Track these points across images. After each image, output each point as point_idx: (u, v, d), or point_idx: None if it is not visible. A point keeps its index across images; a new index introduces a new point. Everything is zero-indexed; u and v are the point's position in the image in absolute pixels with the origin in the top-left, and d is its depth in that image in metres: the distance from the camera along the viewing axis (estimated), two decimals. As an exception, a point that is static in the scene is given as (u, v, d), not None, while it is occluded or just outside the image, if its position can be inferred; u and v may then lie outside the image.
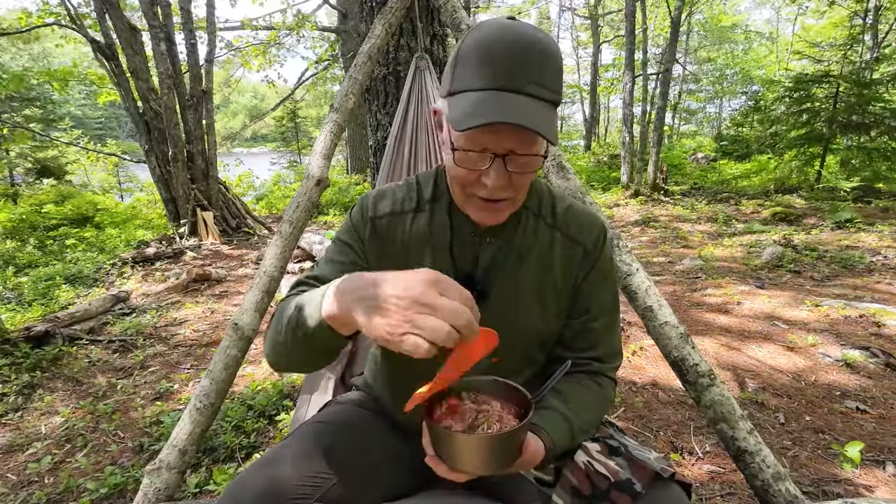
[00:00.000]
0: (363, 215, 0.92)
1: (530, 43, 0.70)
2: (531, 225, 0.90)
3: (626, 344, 2.96)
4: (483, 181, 0.75)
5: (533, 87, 0.70)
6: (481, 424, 0.69)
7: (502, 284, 0.88)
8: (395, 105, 2.08)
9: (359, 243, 0.92)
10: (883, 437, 1.98)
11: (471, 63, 0.72)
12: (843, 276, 4.32)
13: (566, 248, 0.90)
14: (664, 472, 0.79)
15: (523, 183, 0.78)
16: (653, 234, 6.87)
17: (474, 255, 0.88)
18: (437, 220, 0.90)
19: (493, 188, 0.75)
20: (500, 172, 0.74)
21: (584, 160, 15.03)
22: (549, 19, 26.88)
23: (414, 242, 0.90)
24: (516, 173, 0.75)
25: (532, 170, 0.76)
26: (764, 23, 29.18)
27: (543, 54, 0.71)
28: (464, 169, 0.76)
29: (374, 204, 0.92)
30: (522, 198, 0.83)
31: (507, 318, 0.88)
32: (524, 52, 0.70)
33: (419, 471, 1.00)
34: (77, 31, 6.93)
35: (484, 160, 0.73)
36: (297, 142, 17.44)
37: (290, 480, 0.79)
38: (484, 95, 0.70)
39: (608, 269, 0.93)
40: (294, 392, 2.40)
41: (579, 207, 0.93)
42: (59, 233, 7.49)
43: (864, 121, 8.59)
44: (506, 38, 0.70)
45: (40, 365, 2.84)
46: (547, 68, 0.72)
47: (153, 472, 1.38)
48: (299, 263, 5.07)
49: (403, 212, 0.91)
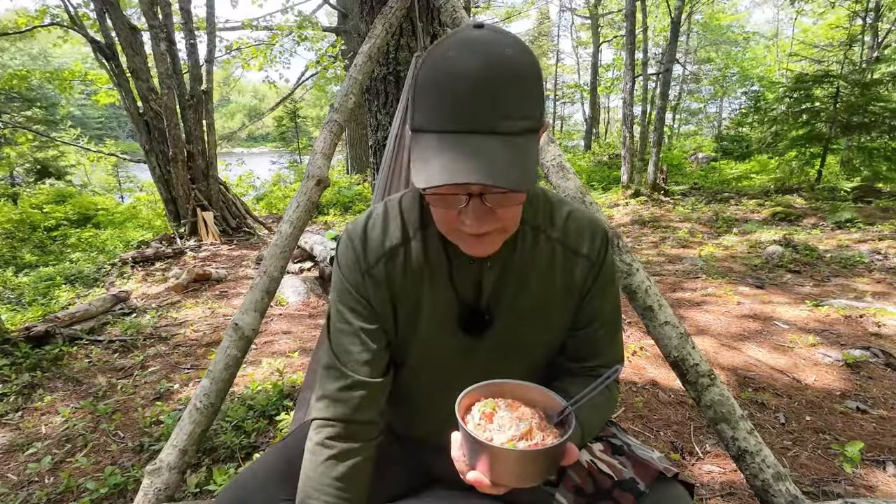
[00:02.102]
0: (360, 269, 0.83)
1: (499, 66, 0.61)
2: (530, 241, 0.83)
3: (626, 344, 2.96)
4: (463, 219, 0.68)
5: (505, 123, 0.61)
6: (524, 436, 0.65)
7: (506, 308, 0.85)
8: (395, 105, 2.08)
9: (364, 302, 0.84)
10: (883, 437, 1.98)
11: (430, 96, 0.63)
12: (843, 276, 4.32)
13: (568, 261, 0.85)
14: (667, 472, 0.79)
15: (509, 214, 0.70)
16: (653, 234, 6.87)
17: (476, 281, 0.83)
18: (431, 249, 0.83)
19: (476, 227, 0.67)
20: (478, 211, 0.66)
21: (585, 160, 15.04)
22: (549, 19, 26.89)
23: (412, 276, 0.83)
24: (499, 207, 0.66)
25: (515, 203, 0.68)
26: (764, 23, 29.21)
27: (515, 77, 0.62)
28: (441, 209, 0.70)
29: (364, 253, 0.83)
30: (516, 225, 0.75)
31: (511, 338, 0.86)
32: (492, 80, 0.60)
33: (419, 472, 1.00)
34: (77, 31, 6.93)
35: (459, 200, 0.66)
36: (297, 142, 17.42)
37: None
38: (446, 141, 0.61)
39: (611, 277, 0.89)
40: (294, 392, 2.40)
41: (579, 213, 0.87)
42: (59, 233, 7.49)
43: (864, 121, 8.59)
44: (470, 63, 0.60)
45: (40, 365, 2.84)
46: (521, 94, 0.63)
47: (153, 471, 1.38)
48: (299, 263, 5.07)
49: (394, 247, 0.83)
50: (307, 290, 4.24)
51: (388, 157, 1.82)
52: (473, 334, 0.84)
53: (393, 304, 0.84)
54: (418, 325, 0.84)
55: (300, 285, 4.28)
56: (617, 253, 1.44)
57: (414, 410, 0.96)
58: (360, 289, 0.83)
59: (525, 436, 0.65)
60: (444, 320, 0.84)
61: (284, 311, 3.90)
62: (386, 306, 0.84)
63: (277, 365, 2.75)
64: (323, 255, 4.51)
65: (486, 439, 0.63)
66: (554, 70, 26.08)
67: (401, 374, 0.91)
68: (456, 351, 0.86)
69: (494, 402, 0.70)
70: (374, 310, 0.84)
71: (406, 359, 0.89)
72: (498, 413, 0.68)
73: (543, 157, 1.56)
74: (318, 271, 4.64)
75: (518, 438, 0.64)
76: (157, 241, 6.61)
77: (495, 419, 0.67)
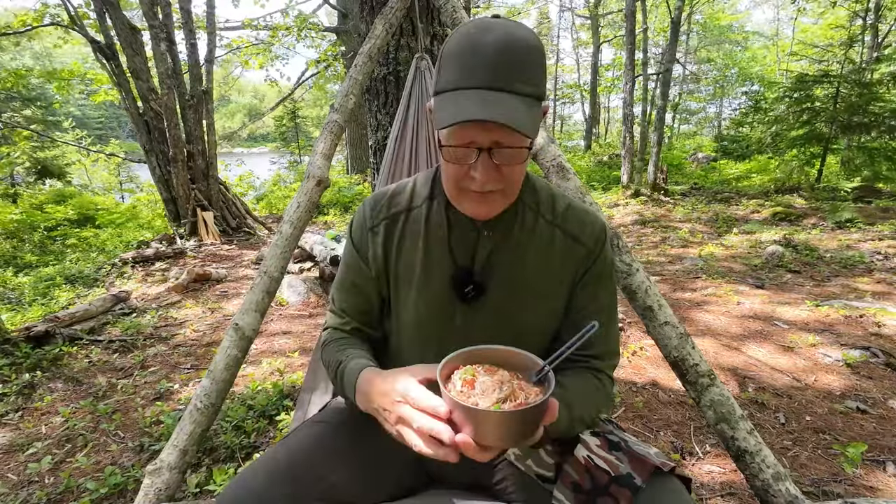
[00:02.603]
0: (362, 226, 0.96)
1: (513, 40, 0.72)
2: (530, 221, 0.90)
3: (626, 344, 2.96)
4: (472, 175, 0.78)
5: (517, 84, 0.73)
6: (507, 398, 0.67)
7: (501, 278, 0.89)
8: (396, 105, 2.08)
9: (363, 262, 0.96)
10: (883, 437, 1.98)
11: (455, 62, 0.75)
12: (843, 276, 4.32)
13: (567, 246, 0.90)
14: (664, 466, 0.79)
15: (513, 175, 0.80)
16: (653, 234, 6.87)
17: (472, 249, 0.89)
18: (434, 216, 0.92)
19: (483, 181, 0.77)
20: (487, 165, 0.76)
21: (585, 160, 15.04)
22: (549, 19, 26.88)
23: (411, 238, 0.92)
24: (504, 165, 0.77)
25: (518, 161, 0.78)
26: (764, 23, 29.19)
27: (526, 51, 0.73)
28: (454, 164, 0.79)
29: (371, 213, 0.95)
30: (515, 191, 0.84)
31: (506, 311, 0.90)
32: (507, 50, 0.72)
33: (419, 471, 1.00)
34: (77, 31, 6.93)
35: (470, 155, 0.76)
36: (297, 142, 17.43)
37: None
38: (466, 94, 0.72)
39: (608, 269, 0.93)
40: (294, 392, 2.40)
41: (579, 206, 0.94)
42: (59, 233, 7.49)
43: (864, 120, 8.59)
44: (489, 37, 0.72)
45: (40, 365, 2.84)
46: (530, 65, 0.74)
47: (154, 471, 1.38)
48: (299, 263, 5.07)
49: (399, 212, 0.94)
50: (307, 290, 4.24)
51: (389, 157, 1.82)
52: (465, 301, 0.89)
53: (388, 261, 0.94)
54: (412, 284, 0.91)
55: (300, 285, 4.28)
56: (617, 253, 1.44)
57: None
58: (362, 245, 0.95)
59: (508, 397, 0.67)
60: (437, 281, 0.90)
61: (284, 312, 3.90)
62: (381, 263, 0.94)
63: (277, 365, 2.75)
64: (323, 255, 4.51)
65: (472, 404, 0.65)
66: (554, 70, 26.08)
67: (391, 341, 0.99)
68: (446, 317, 0.90)
69: (473, 369, 0.73)
70: (371, 265, 0.95)
71: (398, 322, 0.96)
72: (479, 379, 0.71)
73: (543, 157, 1.56)
74: (319, 271, 4.64)
75: (502, 401, 0.67)
76: (157, 241, 6.61)
77: (477, 385, 0.70)
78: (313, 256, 4.85)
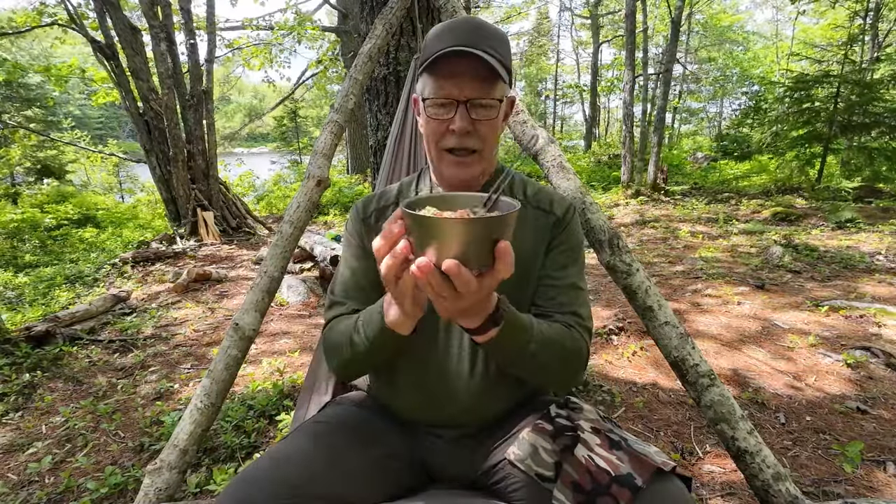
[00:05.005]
0: (356, 218, 1.06)
1: (482, 23, 0.90)
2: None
3: (626, 344, 2.96)
4: (451, 129, 0.89)
5: (486, 48, 0.86)
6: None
7: None
8: (395, 105, 2.08)
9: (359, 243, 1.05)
10: (883, 437, 1.98)
11: (431, 40, 0.90)
12: (844, 276, 4.32)
13: (538, 218, 1.00)
14: (665, 466, 0.79)
15: (487, 133, 0.91)
16: (653, 234, 6.87)
17: None
18: None
19: (460, 133, 0.89)
20: (464, 116, 0.88)
21: (585, 160, 15.04)
22: (548, 19, 26.87)
23: None
24: (479, 120, 0.89)
25: (492, 116, 0.90)
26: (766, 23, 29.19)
27: (494, 31, 0.89)
28: (434, 121, 0.90)
29: (364, 207, 1.07)
30: (490, 155, 0.96)
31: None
32: (478, 26, 0.89)
33: (419, 471, 1.00)
34: (77, 30, 6.93)
35: (449, 109, 0.89)
36: (297, 142, 17.43)
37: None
38: (444, 51, 0.86)
39: (576, 241, 1.01)
40: (294, 392, 2.40)
41: (549, 189, 1.05)
42: (59, 233, 7.49)
43: (864, 121, 8.59)
44: (461, 20, 0.90)
45: (41, 365, 2.85)
46: (498, 40, 0.88)
47: (154, 471, 1.38)
48: (299, 263, 5.07)
49: (388, 205, 1.06)
50: (307, 290, 4.24)
51: (388, 157, 1.82)
52: None
53: None
54: None
55: (300, 285, 4.28)
56: (617, 253, 1.44)
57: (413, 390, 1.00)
58: (357, 233, 1.05)
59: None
60: None
61: (284, 312, 3.90)
62: None
63: (277, 365, 2.75)
64: (323, 255, 4.51)
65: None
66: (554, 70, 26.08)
67: None
68: None
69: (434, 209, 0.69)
70: (366, 249, 1.02)
71: None
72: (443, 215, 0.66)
73: (544, 157, 1.56)
74: (319, 271, 4.64)
75: None
76: (157, 241, 6.61)
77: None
78: (313, 256, 4.85)
